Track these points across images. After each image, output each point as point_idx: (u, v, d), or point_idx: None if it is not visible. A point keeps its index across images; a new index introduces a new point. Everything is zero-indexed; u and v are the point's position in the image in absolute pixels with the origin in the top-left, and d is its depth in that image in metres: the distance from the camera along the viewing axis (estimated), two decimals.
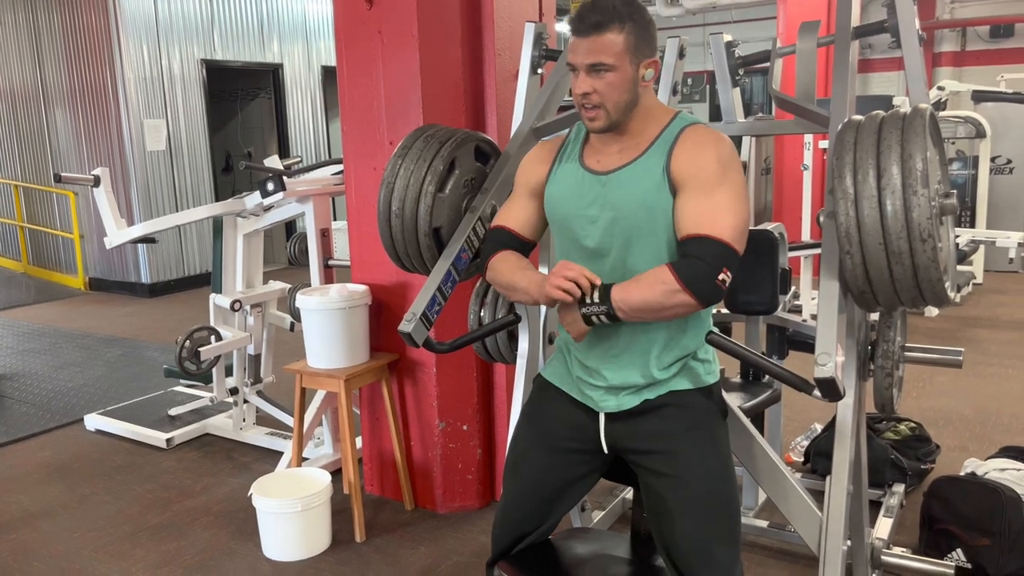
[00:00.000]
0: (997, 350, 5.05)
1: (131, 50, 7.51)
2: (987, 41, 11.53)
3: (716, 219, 1.55)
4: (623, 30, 1.56)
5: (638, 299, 1.55)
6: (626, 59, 1.57)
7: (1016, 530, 2.55)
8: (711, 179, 1.56)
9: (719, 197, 1.56)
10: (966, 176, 6.88)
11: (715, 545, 1.66)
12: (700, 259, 1.53)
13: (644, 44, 1.59)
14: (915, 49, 2.12)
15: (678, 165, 1.58)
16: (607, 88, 1.58)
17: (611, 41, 1.56)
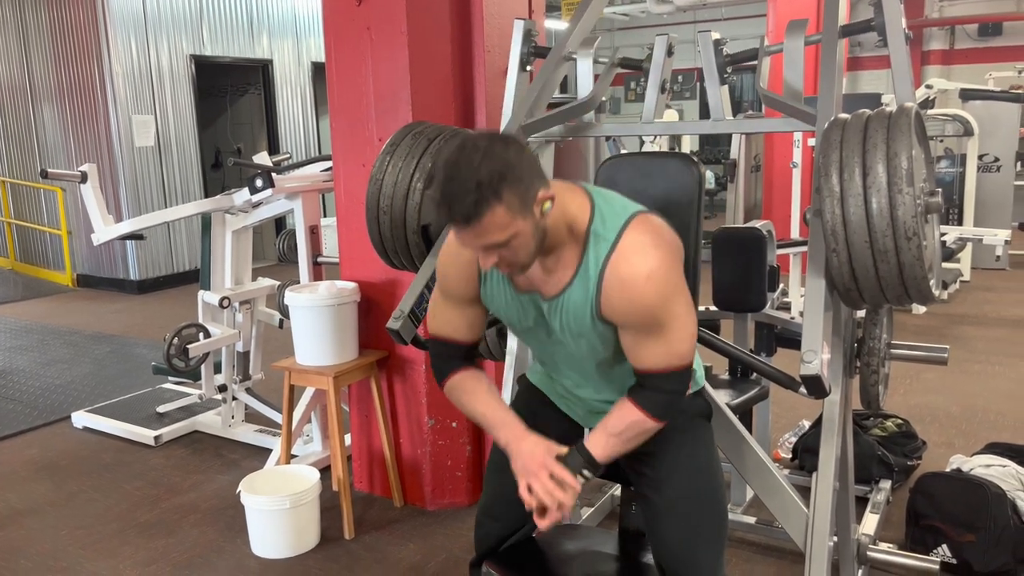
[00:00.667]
0: (984, 347, 5.09)
1: (119, 45, 7.47)
2: (975, 39, 11.61)
3: (673, 353, 1.51)
4: (501, 200, 1.35)
5: (620, 447, 1.59)
6: (519, 220, 1.38)
7: (1001, 526, 2.57)
8: (655, 322, 1.48)
9: (669, 332, 1.49)
10: (954, 174, 6.92)
11: (699, 546, 1.67)
12: (669, 393, 1.54)
13: (527, 190, 1.38)
14: (901, 48, 2.13)
15: (611, 312, 1.49)
16: (513, 252, 1.42)
17: (493, 220, 1.36)
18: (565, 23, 8.88)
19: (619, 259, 1.46)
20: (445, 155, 1.40)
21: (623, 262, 1.46)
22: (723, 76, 2.54)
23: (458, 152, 1.38)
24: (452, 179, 1.35)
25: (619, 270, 1.46)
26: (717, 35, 2.55)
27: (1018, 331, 5.45)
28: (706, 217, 1.95)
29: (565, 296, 1.53)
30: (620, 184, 2.11)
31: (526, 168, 1.39)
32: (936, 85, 7.04)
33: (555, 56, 2.50)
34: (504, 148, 1.38)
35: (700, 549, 1.68)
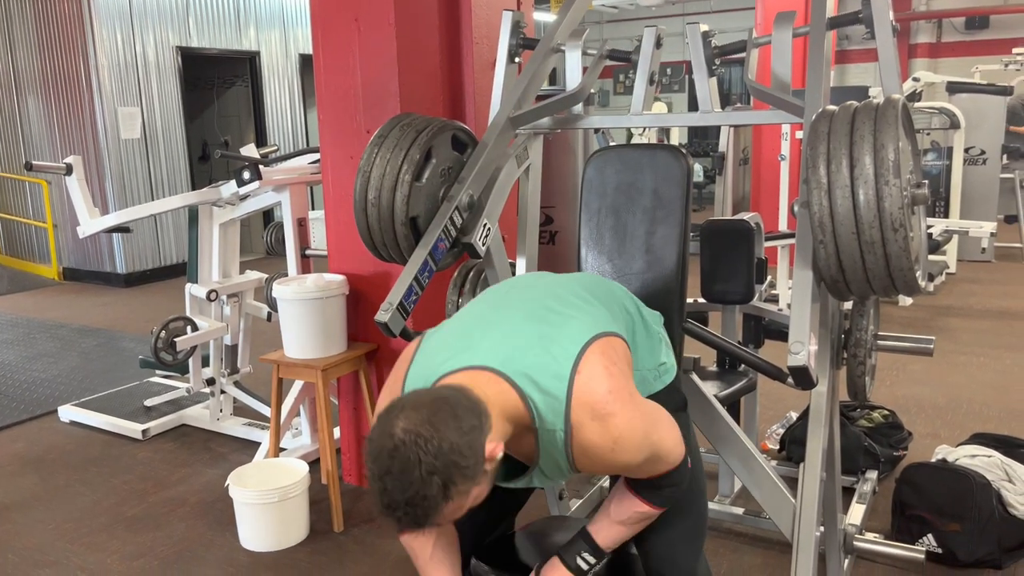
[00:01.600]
0: (969, 339, 5.13)
1: (104, 37, 7.40)
2: (962, 33, 11.67)
3: (665, 462, 1.49)
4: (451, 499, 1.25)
5: (626, 537, 1.59)
6: (472, 492, 1.29)
7: (986, 515, 2.59)
8: (636, 465, 1.45)
9: (653, 455, 1.46)
10: (940, 166, 6.96)
11: (676, 545, 1.68)
12: (667, 487, 1.54)
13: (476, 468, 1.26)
14: (889, 40, 2.14)
15: (591, 471, 1.51)
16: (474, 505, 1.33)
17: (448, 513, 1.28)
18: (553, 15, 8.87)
19: (580, 440, 1.38)
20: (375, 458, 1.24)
21: (585, 442, 1.38)
22: (711, 68, 2.54)
23: (389, 460, 1.22)
24: (391, 491, 1.22)
25: (585, 450, 1.39)
26: (705, 27, 2.55)
27: (1003, 323, 5.49)
28: (694, 209, 1.95)
29: (536, 471, 1.48)
30: (608, 177, 2.11)
31: (467, 443, 1.24)
32: (923, 78, 7.08)
33: (543, 48, 2.49)
34: (437, 433, 1.22)
35: (678, 546, 1.69)
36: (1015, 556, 2.64)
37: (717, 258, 2.79)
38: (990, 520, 2.59)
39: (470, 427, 1.26)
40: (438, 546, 1.64)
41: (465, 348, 1.46)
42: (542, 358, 1.41)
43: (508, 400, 1.38)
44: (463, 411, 1.27)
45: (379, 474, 1.23)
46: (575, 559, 1.57)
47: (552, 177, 3.10)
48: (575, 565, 1.57)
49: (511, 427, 1.38)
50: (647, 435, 1.43)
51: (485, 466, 1.29)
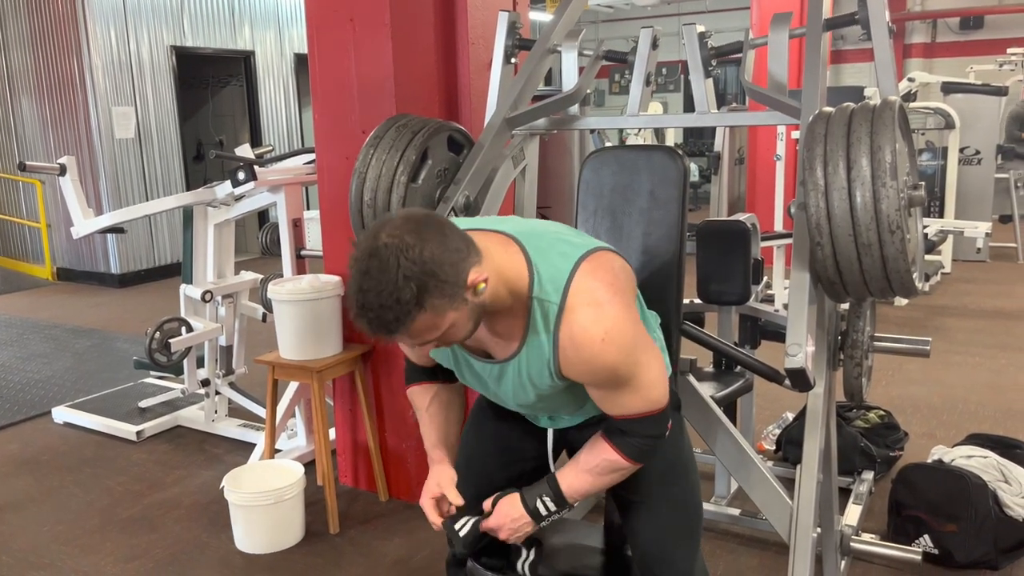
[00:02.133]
0: (964, 339, 5.13)
1: (98, 36, 7.38)
2: (957, 33, 11.69)
3: (645, 399, 1.46)
4: (425, 308, 1.25)
5: (594, 488, 1.56)
6: (449, 314, 1.29)
7: (982, 516, 2.60)
8: (620, 378, 1.42)
9: (636, 381, 1.43)
10: (935, 167, 6.97)
11: (670, 543, 1.68)
12: (644, 437, 1.50)
13: (455, 286, 1.27)
14: (885, 41, 2.14)
15: (572, 375, 1.43)
16: (449, 338, 1.35)
17: (420, 326, 1.28)
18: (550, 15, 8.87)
19: (570, 322, 1.37)
20: (356, 258, 1.27)
21: (575, 325, 1.37)
22: (708, 69, 2.54)
23: (368, 259, 1.25)
24: (367, 291, 1.24)
25: (573, 335, 1.37)
26: (702, 28, 2.55)
27: (998, 322, 5.50)
28: (690, 210, 1.95)
29: (518, 358, 1.46)
30: (605, 178, 2.11)
31: (450, 260, 1.26)
32: (918, 78, 7.08)
33: (540, 48, 2.49)
34: (422, 242, 1.25)
35: (673, 546, 1.68)
36: (1011, 557, 2.64)
37: (713, 259, 2.78)
38: (986, 521, 2.59)
39: (456, 248, 1.28)
40: (437, 400, 1.68)
41: (482, 221, 1.50)
42: (556, 245, 1.44)
43: (513, 262, 1.39)
44: (453, 234, 1.30)
45: (358, 275, 1.25)
46: (535, 500, 1.54)
47: (548, 178, 3.10)
48: (533, 507, 1.54)
49: (506, 291, 1.38)
50: (636, 345, 1.40)
51: (466, 293, 1.29)
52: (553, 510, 1.54)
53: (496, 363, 1.49)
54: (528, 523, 1.54)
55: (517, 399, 1.56)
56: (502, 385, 1.53)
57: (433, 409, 1.71)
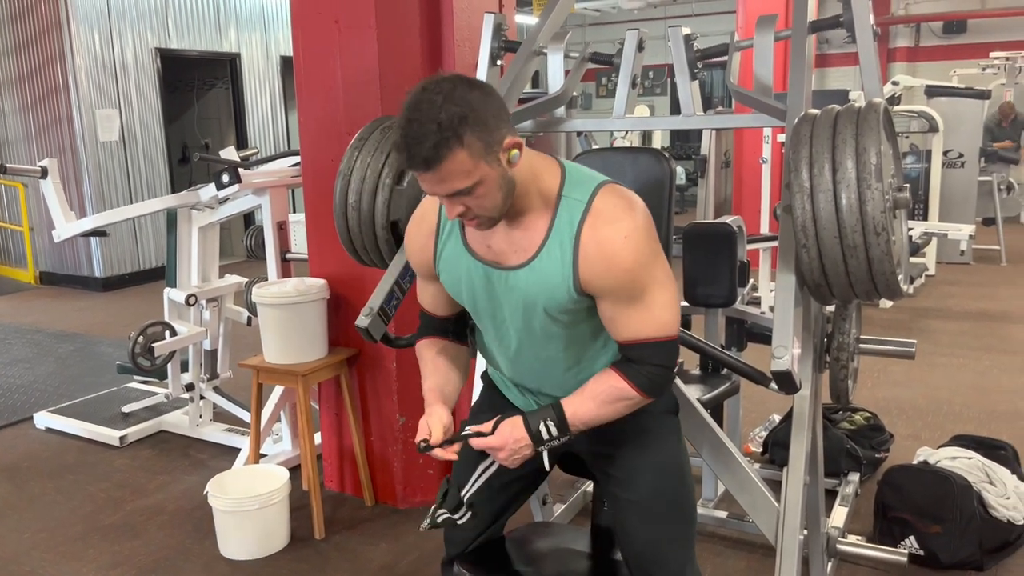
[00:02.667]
0: (949, 340, 5.17)
1: (82, 37, 7.32)
2: (940, 37, 11.78)
3: (656, 319, 1.46)
4: (463, 142, 1.31)
5: (599, 418, 1.52)
6: (483, 165, 1.34)
7: (967, 517, 2.61)
8: (635, 285, 1.43)
9: (650, 298, 1.45)
10: (919, 170, 7.01)
11: (665, 545, 1.66)
12: (656, 366, 1.49)
13: (493, 134, 1.35)
14: (869, 44, 2.14)
15: (591, 277, 1.43)
16: (480, 201, 1.39)
17: (456, 165, 1.32)
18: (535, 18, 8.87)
19: (595, 220, 1.42)
20: (406, 103, 1.35)
21: (600, 223, 1.42)
22: (693, 72, 2.54)
23: (420, 93, 1.33)
24: (412, 121, 1.31)
25: (596, 232, 1.41)
26: (687, 30, 2.55)
27: (982, 324, 5.54)
28: (676, 212, 1.94)
29: (534, 264, 1.46)
30: None
31: (491, 112, 1.35)
32: (902, 82, 7.13)
33: (525, 51, 2.48)
34: (468, 90, 1.34)
35: (668, 548, 1.67)
36: (996, 558, 2.65)
37: (699, 261, 2.78)
38: (971, 522, 2.60)
39: (498, 107, 1.37)
40: (444, 353, 1.70)
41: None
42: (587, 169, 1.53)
43: (545, 163, 1.48)
44: (496, 98, 1.38)
45: (406, 110, 1.33)
46: (538, 424, 1.51)
47: None
48: (536, 430, 1.50)
49: (535, 188, 1.44)
50: (655, 258, 1.44)
51: (500, 152, 1.36)
52: (555, 435, 1.50)
53: (510, 269, 1.49)
54: (528, 446, 1.51)
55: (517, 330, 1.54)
56: (509, 301, 1.51)
57: (439, 360, 1.71)
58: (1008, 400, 4.11)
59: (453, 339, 1.74)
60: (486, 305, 1.57)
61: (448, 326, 1.74)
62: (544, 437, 1.50)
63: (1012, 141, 9.19)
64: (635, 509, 1.65)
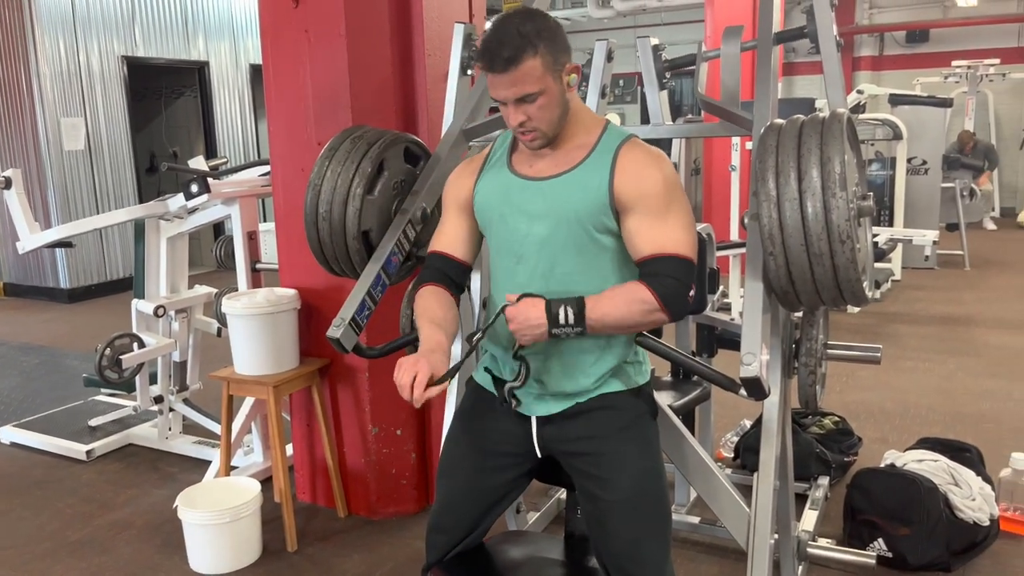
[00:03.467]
0: (915, 344, 5.25)
1: (46, 45, 7.22)
2: (903, 46, 12.01)
3: (677, 238, 1.57)
4: (537, 52, 1.53)
5: (614, 318, 1.56)
6: (549, 78, 1.55)
7: (934, 519, 2.65)
8: (662, 200, 1.57)
9: (672, 216, 1.58)
10: (884, 176, 7.13)
11: (644, 544, 1.68)
12: (674, 278, 1.56)
13: (560, 54, 1.57)
14: (833, 54, 2.18)
15: (624, 187, 1.58)
16: (540, 112, 1.57)
17: (529, 69, 1.53)
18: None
19: (632, 145, 1.62)
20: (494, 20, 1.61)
21: (636, 147, 1.62)
22: (662, 81, 2.57)
23: (504, 16, 1.59)
24: (497, 30, 1.55)
25: (633, 151, 1.61)
26: (656, 41, 2.58)
27: (947, 328, 5.64)
28: None
29: (574, 172, 1.62)
30: None
31: (561, 38, 1.58)
32: (867, 90, 7.26)
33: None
34: (544, 18, 1.58)
35: (648, 547, 1.68)
36: (963, 559, 2.70)
37: None
38: (938, 524, 2.64)
39: (564, 39, 1.59)
40: (445, 298, 1.73)
41: None
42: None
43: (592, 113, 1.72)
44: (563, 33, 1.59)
45: (493, 25, 1.58)
46: (559, 307, 1.54)
47: None
48: (555, 312, 1.54)
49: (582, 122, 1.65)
50: (680, 190, 1.61)
51: (563, 72, 1.57)
52: (571, 322, 1.54)
53: (551, 178, 1.63)
54: (542, 325, 1.54)
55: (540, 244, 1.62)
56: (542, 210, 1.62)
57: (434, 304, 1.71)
58: (973, 403, 4.19)
59: (453, 290, 1.77)
60: (515, 220, 1.65)
61: (452, 271, 1.77)
62: (560, 321, 1.54)
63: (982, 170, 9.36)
64: (617, 509, 1.66)
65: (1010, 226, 10.13)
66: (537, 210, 1.63)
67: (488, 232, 1.73)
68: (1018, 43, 11.07)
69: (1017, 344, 5.20)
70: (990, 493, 2.83)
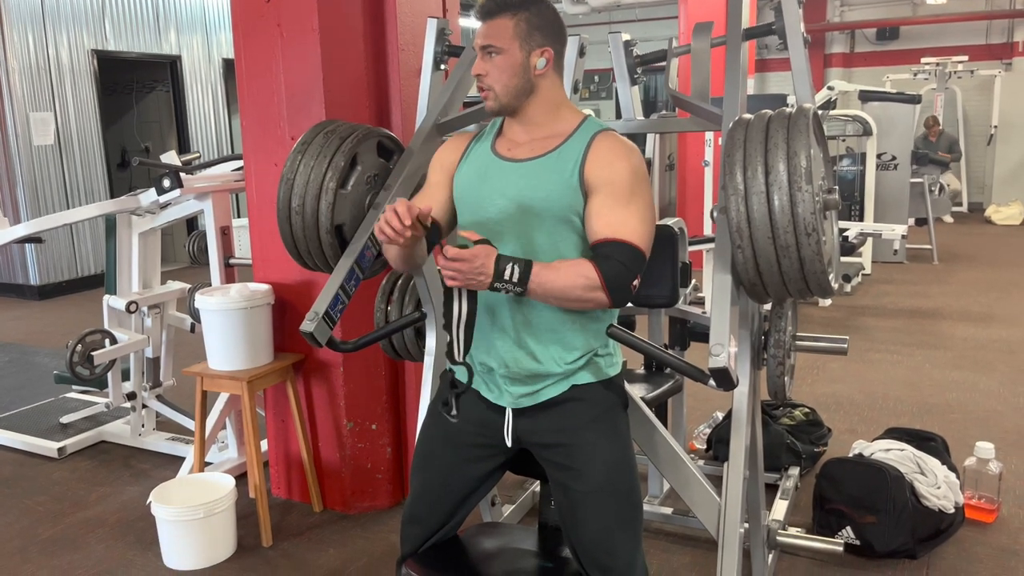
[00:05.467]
0: (884, 337, 5.34)
1: (15, 39, 7.11)
2: (874, 43, 12.16)
3: (632, 226, 1.60)
4: (515, 16, 1.63)
5: (557, 287, 1.57)
6: (515, 44, 1.63)
7: (900, 507, 2.70)
8: (626, 188, 1.61)
9: (633, 206, 1.61)
10: (855, 172, 7.23)
11: (615, 534, 1.70)
12: (620, 263, 1.58)
13: (538, 33, 1.64)
14: (800, 51, 2.22)
15: (593, 170, 1.62)
16: (496, 71, 1.64)
17: (501, 25, 1.63)
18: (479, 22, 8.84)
19: (608, 135, 1.67)
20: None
21: (612, 137, 1.67)
22: (634, 77, 2.59)
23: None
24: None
25: (608, 140, 1.66)
26: (627, 36, 2.60)
27: (914, 321, 5.74)
28: None
29: (550, 155, 1.66)
30: None
31: (550, 25, 1.66)
32: (837, 87, 7.34)
33: (469, 55, 2.50)
34: (546, 3, 1.67)
35: (620, 537, 1.71)
36: (928, 546, 2.75)
37: None
38: (904, 511, 2.70)
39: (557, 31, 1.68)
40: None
41: None
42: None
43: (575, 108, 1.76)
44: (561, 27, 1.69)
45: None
46: (506, 263, 1.53)
47: None
48: (502, 268, 1.53)
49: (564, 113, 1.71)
50: (644, 187, 1.65)
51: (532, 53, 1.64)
52: (514, 280, 1.53)
53: (528, 160, 1.68)
54: (486, 275, 1.53)
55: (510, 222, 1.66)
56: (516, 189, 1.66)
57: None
58: (939, 393, 4.27)
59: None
60: (490, 198, 1.69)
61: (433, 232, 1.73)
62: (504, 276, 1.54)
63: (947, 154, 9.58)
64: (589, 499, 1.68)
65: (978, 220, 10.31)
66: (511, 190, 1.67)
67: (461, 207, 1.76)
68: (986, 40, 11.25)
69: (982, 336, 5.30)
70: (955, 481, 2.89)
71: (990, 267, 7.51)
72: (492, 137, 1.77)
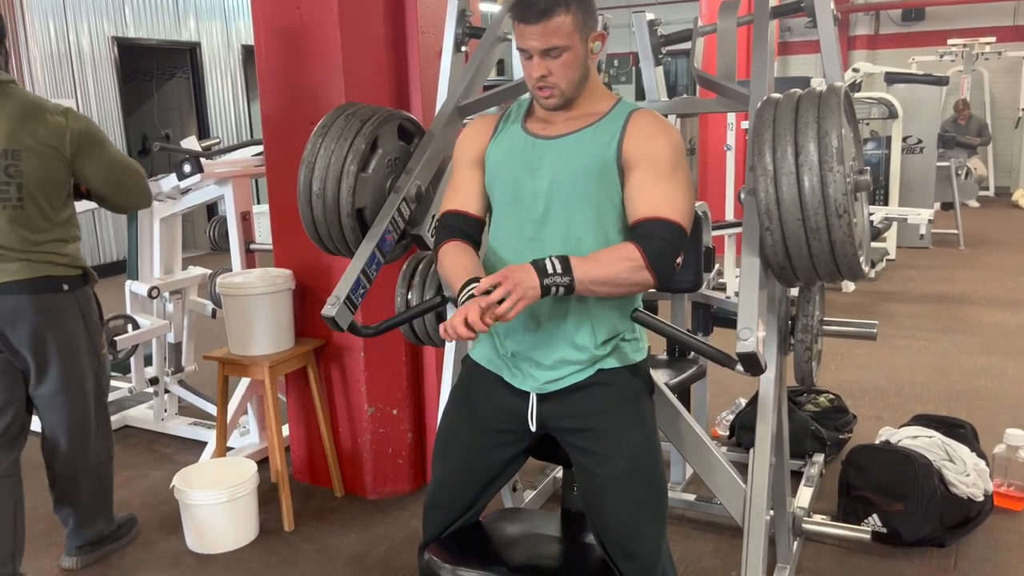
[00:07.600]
0: (909, 323, 5.27)
1: (36, 27, 7.14)
2: (899, 25, 11.96)
3: (675, 204, 1.59)
4: (569, 10, 1.57)
5: (601, 274, 1.55)
6: (576, 37, 1.59)
7: (928, 495, 2.66)
8: (666, 164, 1.60)
9: (674, 183, 1.60)
10: (880, 155, 7.12)
11: (641, 520, 1.68)
12: (664, 240, 1.57)
13: (590, 19, 1.61)
14: (830, 29, 2.17)
15: (632, 147, 1.61)
16: (561, 68, 1.60)
17: (560, 23, 1.57)
18: (499, 4, 8.82)
19: (646, 112, 1.67)
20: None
21: (650, 114, 1.66)
22: (658, 57, 2.55)
23: None
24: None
25: (646, 116, 1.65)
26: (652, 16, 2.56)
27: (941, 307, 5.66)
28: None
29: (587, 130, 1.65)
30: None
31: (591, 5, 1.62)
32: (862, 69, 7.23)
33: (490, 37, 2.47)
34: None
35: (645, 522, 1.69)
36: (957, 534, 2.71)
37: None
38: (932, 499, 2.66)
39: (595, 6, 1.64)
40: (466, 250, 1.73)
41: None
42: None
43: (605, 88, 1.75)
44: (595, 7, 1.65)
45: None
46: (543, 261, 1.53)
47: None
48: (542, 264, 1.53)
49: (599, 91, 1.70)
50: (684, 161, 1.63)
51: (590, 38, 1.62)
52: (559, 271, 1.52)
53: (564, 136, 1.66)
54: (528, 276, 1.51)
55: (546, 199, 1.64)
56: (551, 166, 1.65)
57: (460, 252, 1.72)
58: (966, 380, 4.21)
59: (471, 243, 1.77)
60: (524, 176, 1.67)
61: (469, 228, 1.77)
62: (548, 270, 1.52)
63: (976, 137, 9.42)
64: (614, 485, 1.67)
65: (1004, 205, 10.14)
66: (546, 166, 1.65)
67: (495, 189, 1.74)
68: (1014, 21, 11.04)
69: (1011, 322, 5.22)
70: (984, 469, 2.85)
71: (1018, 252, 7.38)
72: (522, 117, 1.75)
